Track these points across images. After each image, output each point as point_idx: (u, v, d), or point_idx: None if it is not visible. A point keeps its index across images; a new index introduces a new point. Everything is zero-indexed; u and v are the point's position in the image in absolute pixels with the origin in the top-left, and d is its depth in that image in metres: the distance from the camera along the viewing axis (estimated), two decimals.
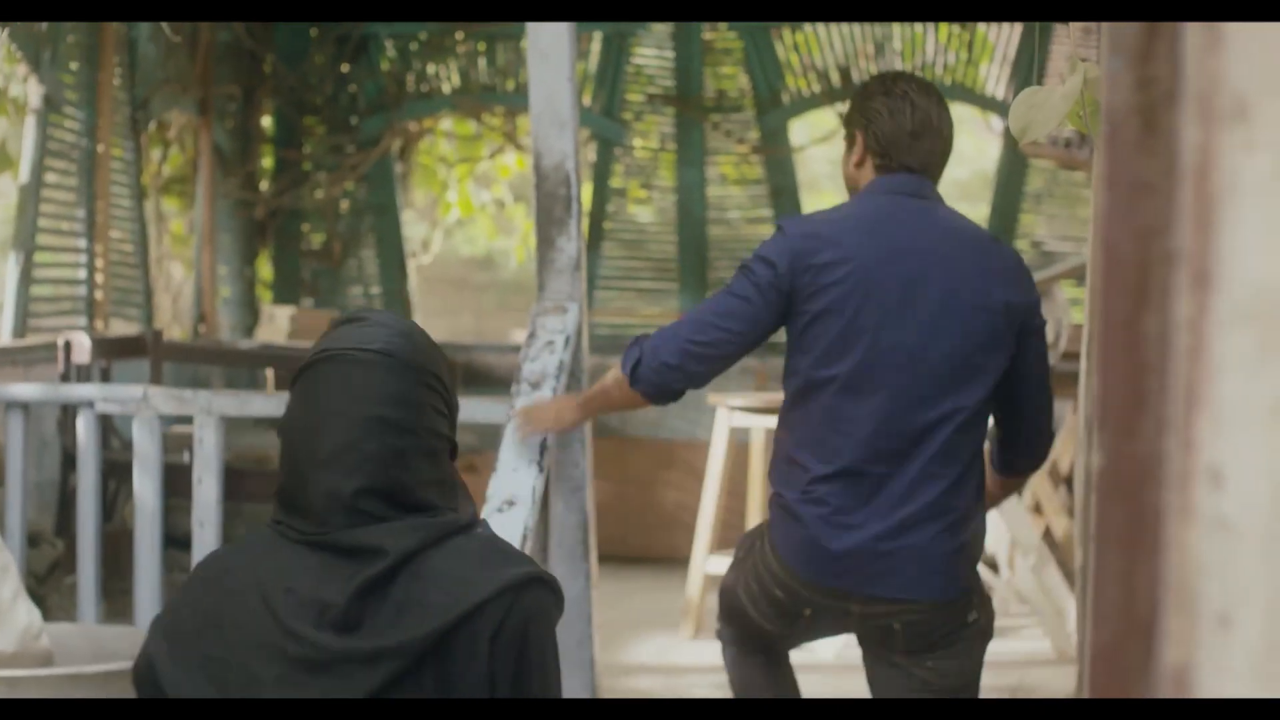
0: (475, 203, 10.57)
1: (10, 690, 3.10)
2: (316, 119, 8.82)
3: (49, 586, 5.80)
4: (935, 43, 8.29)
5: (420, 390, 2.15)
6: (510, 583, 2.07)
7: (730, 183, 8.63)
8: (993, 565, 6.63)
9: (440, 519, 2.12)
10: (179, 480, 4.94)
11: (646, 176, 8.74)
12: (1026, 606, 6.45)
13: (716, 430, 6.37)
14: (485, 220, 11.33)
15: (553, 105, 4.44)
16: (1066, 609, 5.98)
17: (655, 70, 8.59)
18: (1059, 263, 7.33)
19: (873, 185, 3.38)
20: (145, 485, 4.75)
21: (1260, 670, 0.99)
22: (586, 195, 8.42)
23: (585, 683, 4.57)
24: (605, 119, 8.53)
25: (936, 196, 3.40)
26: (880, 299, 3.24)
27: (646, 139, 8.71)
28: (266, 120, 8.91)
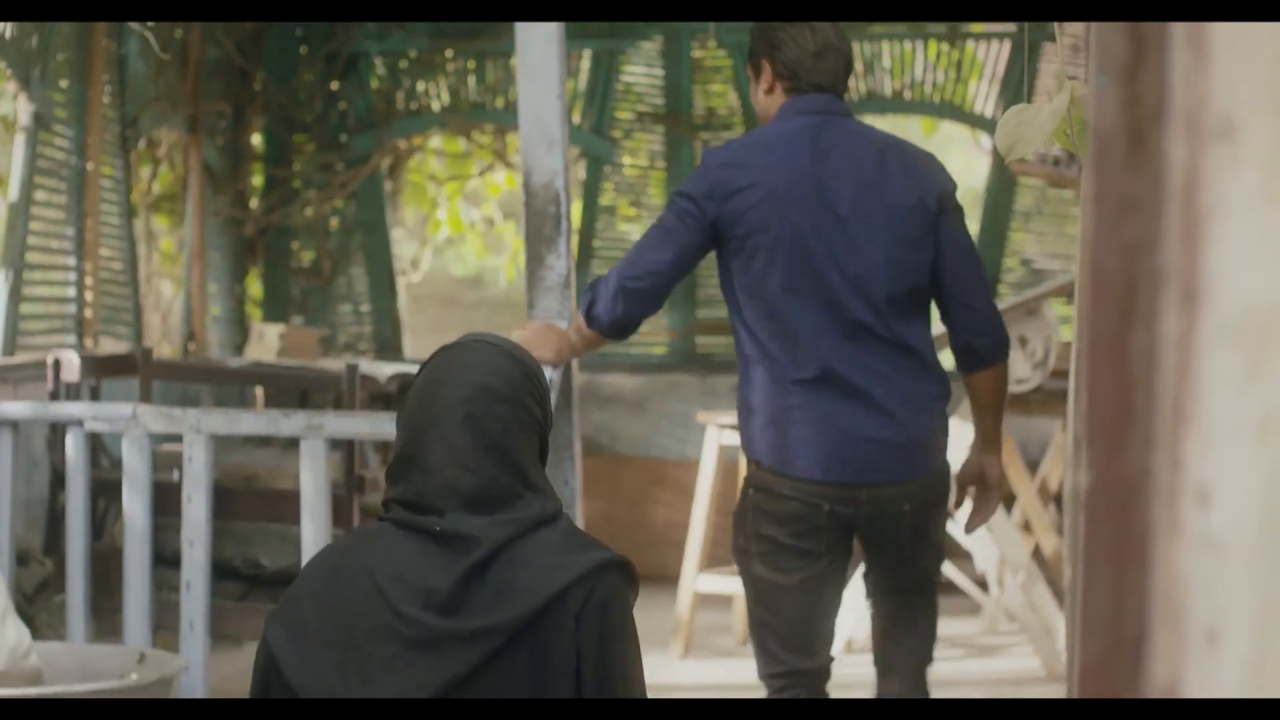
0: (465, 220, 10.55)
1: None
2: (306, 136, 8.82)
3: (38, 605, 5.78)
4: (924, 60, 8.30)
5: (520, 378, 2.46)
6: (591, 567, 2.36)
7: None
8: (982, 583, 6.63)
9: (527, 514, 2.38)
10: (168, 498, 4.93)
11: (636, 194, 8.74)
12: (1016, 624, 6.45)
13: (706, 448, 6.37)
14: (475, 238, 11.32)
15: (542, 123, 4.45)
16: (1056, 627, 5.97)
17: (645, 88, 8.60)
18: (1048, 280, 7.33)
19: (785, 108, 3.65)
20: (134, 503, 4.74)
21: (1247, 686, 0.99)
22: (576, 213, 8.41)
23: None
24: (595, 137, 8.54)
25: (846, 110, 3.69)
26: (803, 212, 3.52)
27: (636, 157, 8.72)
28: (256, 138, 8.90)
